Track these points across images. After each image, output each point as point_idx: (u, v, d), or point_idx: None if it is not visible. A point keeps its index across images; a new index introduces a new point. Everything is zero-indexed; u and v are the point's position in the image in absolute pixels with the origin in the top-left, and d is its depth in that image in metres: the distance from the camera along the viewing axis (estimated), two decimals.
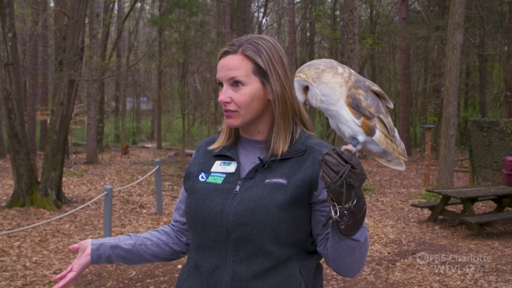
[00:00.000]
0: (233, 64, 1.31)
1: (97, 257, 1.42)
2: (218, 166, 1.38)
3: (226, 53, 1.34)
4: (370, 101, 1.12)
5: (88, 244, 1.43)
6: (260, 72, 1.32)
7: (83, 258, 1.41)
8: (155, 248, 1.47)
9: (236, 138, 1.41)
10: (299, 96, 1.17)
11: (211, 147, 1.43)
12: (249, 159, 1.36)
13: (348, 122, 1.12)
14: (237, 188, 1.30)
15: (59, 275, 1.40)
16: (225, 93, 1.32)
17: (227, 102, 1.32)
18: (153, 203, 8.47)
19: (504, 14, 17.35)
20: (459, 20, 9.43)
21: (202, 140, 1.51)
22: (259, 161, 1.32)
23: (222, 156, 1.39)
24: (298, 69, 1.16)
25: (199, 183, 1.36)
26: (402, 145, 1.18)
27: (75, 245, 1.46)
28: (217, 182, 1.34)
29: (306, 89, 1.15)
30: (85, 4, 8.10)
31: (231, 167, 1.35)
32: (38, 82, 18.55)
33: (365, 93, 1.12)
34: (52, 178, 7.86)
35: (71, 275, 1.39)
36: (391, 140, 1.15)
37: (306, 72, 1.13)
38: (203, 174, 1.38)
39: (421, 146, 18.96)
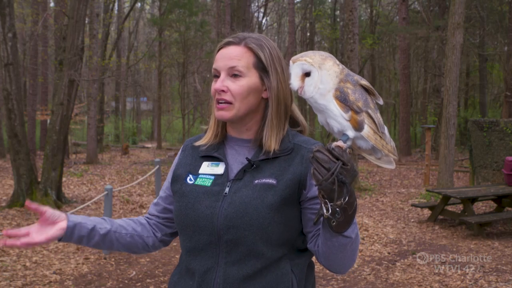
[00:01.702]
0: (234, 54, 1.29)
1: (70, 236, 1.31)
2: (206, 168, 1.35)
3: (228, 43, 1.32)
4: (358, 95, 1.10)
5: (63, 218, 1.30)
6: (260, 67, 1.31)
7: (54, 231, 1.28)
8: (128, 238, 1.40)
9: (223, 136, 1.39)
10: (295, 82, 1.13)
11: (197, 143, 1.40)
12: (237, 159, 1.34)
13: (337, 117, 1.10)
14: (226, 190, 1.28)
15: (12, 232, 1.26)
16: (222, 82, 1.29)
17: (223, 91, 1.28)
18: None
19: (504, 14, 17.36)
20: (459, 20, 9.44)
21: (188, 139, 1.48)
22: (247, 162, 1.30)
23: (210, 156, 1.37)
24: (300, 54, 1.13)
25: (188, 185, 1.34)
26: (392, 143, 1.16)
27: (41, 208, 1.28)
28: (206, 184, 1.31)
29: (303, 76, 1.13)
30: (85, 4, 8.10)
31: (219, 168, 1.33)
32: (38, 82, 18.56)
33: (353, 87, 1.11)
34: (52, 178, 7.86)
35: (32, 240, 1.25)
36: (380, 137, 1.13)
37: (312, 57, 1.11)
38: (191, 176, 1.35)
39: (421, 146, 18.96)
